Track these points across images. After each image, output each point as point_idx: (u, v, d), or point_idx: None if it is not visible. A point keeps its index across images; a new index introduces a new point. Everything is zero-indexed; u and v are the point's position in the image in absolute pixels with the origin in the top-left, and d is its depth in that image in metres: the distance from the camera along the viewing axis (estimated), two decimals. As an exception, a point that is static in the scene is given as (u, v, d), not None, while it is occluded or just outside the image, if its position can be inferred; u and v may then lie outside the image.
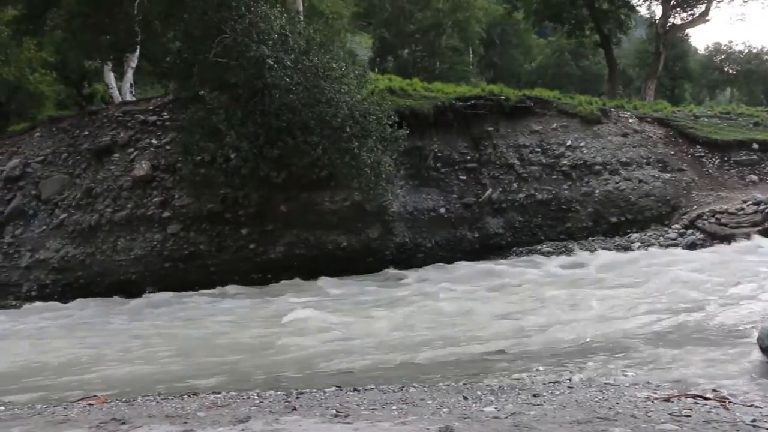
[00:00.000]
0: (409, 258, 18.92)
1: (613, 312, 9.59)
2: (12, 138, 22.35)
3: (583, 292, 11.71)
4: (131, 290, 18.24)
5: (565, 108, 22.26)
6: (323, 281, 16.48)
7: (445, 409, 4.50)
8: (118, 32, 19.26)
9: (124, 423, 4.76)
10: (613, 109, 23.03)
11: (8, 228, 20.36)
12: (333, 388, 5.78)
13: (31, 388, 8.04)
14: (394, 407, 4.65)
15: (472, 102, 21.23)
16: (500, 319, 9.78)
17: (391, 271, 17.69)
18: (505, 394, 5.04)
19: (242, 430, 4.05)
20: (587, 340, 7.65)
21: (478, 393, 5.12)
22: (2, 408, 6.54)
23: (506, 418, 4.09)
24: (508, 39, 54.68)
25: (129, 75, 24.84)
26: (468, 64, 45.73)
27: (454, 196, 20.13)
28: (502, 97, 21.73)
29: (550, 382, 5.37)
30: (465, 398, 4.90)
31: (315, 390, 5.73)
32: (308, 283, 16.45)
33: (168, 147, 19.12)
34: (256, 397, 5.62)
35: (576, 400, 4.62)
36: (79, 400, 6.45)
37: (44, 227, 19.92)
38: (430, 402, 4.80)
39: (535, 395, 4.87)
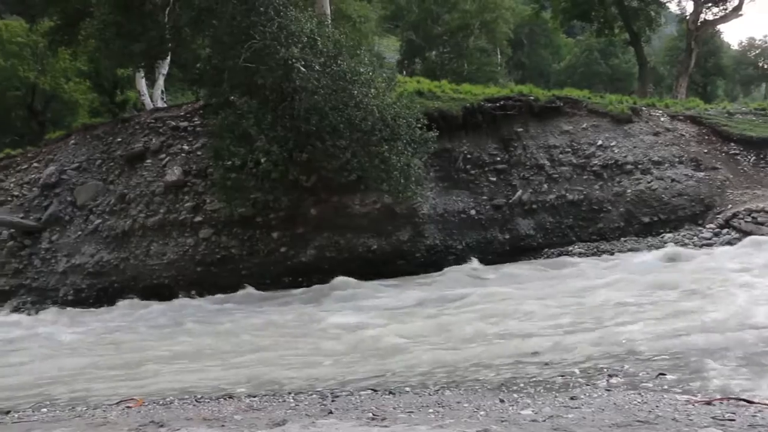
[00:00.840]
0: (440, 260, 18.84)
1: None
2: (48, 146, 22.79)
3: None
4: (164, 294, 18.47)
5: (595, 107, 22.02)
6: (356, 284, 16.47)
7: (482, 412, 4.48)
8: (149, 40, 19.48)
9: (162, 426, 4.81)
10: (644, 108, 22.73)
11: (45, 234, 20.76)
12: (368, 391, 5.78)
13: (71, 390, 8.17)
14: (431, 410, 4.63)
15: (501, 103, 21.09)
16: (536, 321, 9.65)
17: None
18: (542, 397, 5.00)
19: (280, 432, 4.06)
20: (623, 342, 7.54)
21: (515, 396, 5.09)
22: (45, 410, 6.68)
23: (544, 421, 4.05)
24: (536, 39, 54.40)
25: (160, 82, 25.16)
26: (496, 65, 45.52)
27: (484, 197, 20.01)
28: (532, 98, 21.57)
29: (586, 385, 5.31)
30: (501, 401, 4.87)
31: (350, 393, 5.73)
32: (340, 286, 16.43)
33: (199, 152, 19.32)
34: (291, 401, 5.64)
35: (614, 403, 4.56)
36: (117, 403, 6.54)
37: (79, 233, 20.27)
38: (466, 405, 4.77)
39: (572, 398, 4.82)
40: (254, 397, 6.05)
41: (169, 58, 22.81)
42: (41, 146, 23.48)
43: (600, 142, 21.00)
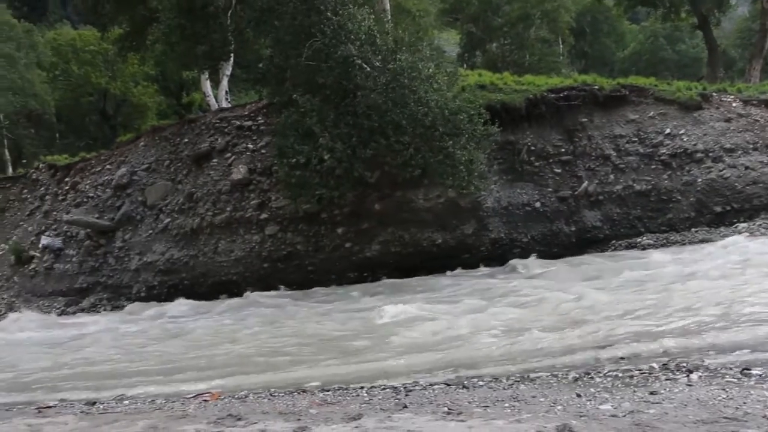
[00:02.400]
0: (505, 253, 18.65)
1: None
2: (120, 148, 23.57)
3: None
4: (233, 290, 18.89)
5: (663, 95, 21.34)
6: (419, 278, 16.48)
7: (559, 407, 4.41)
8: (213, 42, 19.92)
9: (239, 419, 4.91)
10: (714, 94, 21.91)
11: (118, 233, 21.50)
12: (441, 385, 5.77)
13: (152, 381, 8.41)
14: (506, 405, 4.59)
15: (565, 93, 20.69)
16: (609, 313, 9.43)
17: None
18: (620, 391, 4.89)
19: (356, 427, 4.08)
20: (702, 335, 7.30)
21: (592, 390, 4.99)
22: (126, 402, 6.91)
23: (624, 416, 3.96)
24: (598, 27, 53.12)
25: (224, 83, 25.65)
26: (558, 55, 44.74)
27: (549, 189, 19.70)
28: (596, 87, 21.07)
29: (666, 380, 5.17)
30: (578, 396, 4.79)
31: (423, 387, 5.73)
32: (405, 281, 16.46)
33: (264, 151, 19.65)
34: (365, 395, 5.68)
35: (697, 399, 4.42)
36: (194, 396, 6.71)
37: (150, 231, 20.90)
38: (542, 399, 4.71)
39: (652, 393, 4.70)
40: (327, 391, 6.12)
41: (232, 59, 23.23)
42: (113, 149, 24.31)
43: (668, 131, 20.37)
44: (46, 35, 46.77)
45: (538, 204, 19.43)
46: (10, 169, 36.15)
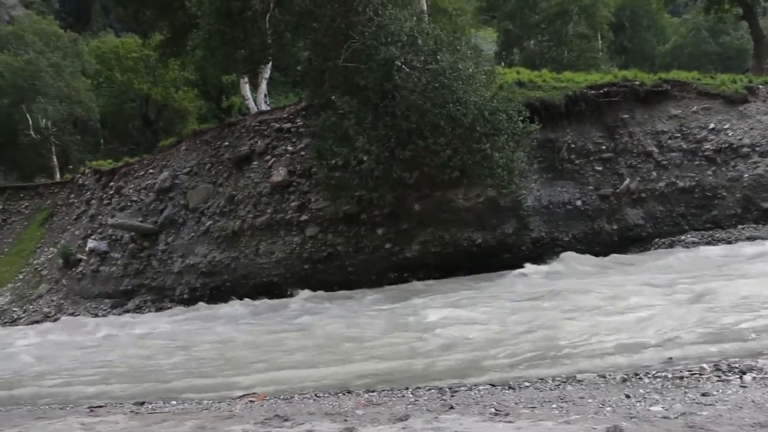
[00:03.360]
0: (546, 252, 18.48)
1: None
2: (162, 152, 23.99)
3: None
4: (274, 292, 19.05)
5: (706, 89, 20.89)
6: (460, 278, 16.40)
7: (608, 408, 4.35)
8: (252, 46, 20.13)
9: (286, 420, 4.95)
10: (761, 86, 21.36)
11: (162, 236, 21.88)
12: (486, 386, 5.73)
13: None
14: (554, 406, 4.54)
15: (605, 89, 20.40)
16: (655, 312, 9.25)
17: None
18: (671, 392, 4.79)
19: (403, 428, 4.08)
20: (752, 336, 7.11)
21: (641, 391, 4.90)
22: (174, 402, 7.02)
23: (677, 418, 3.89)
24: (638, 21, 52.22)
25: (263, 86, 25.91)
26: (597, 51, 43.98)
27: (590, 187, 19.45)
28: (637, 82, 20.74)
29: (718, 381, 5.05)
30: (627, 396, 4.72)
31: (468, 388, 5.70)
32: (446, 281, 16.39)
33: (303, 153, 19.78)
34: (410, 395, 5.68)
35: (752, 401, 4.31)
36: (240, 397, 6.79)
37: (192, 234, 21.21)
38: (590, 401, 4.65)
39: (704, 394, 4.60)
40: (372, 391, 6.13)
41: (270, 62, 23.43)
42: (155, 153, 24.76)
43: (712, 125, 19.94)
44: (90, 44, 47.93)
45: (579, 202, 19.20)
46: (58, 175, 37.03)
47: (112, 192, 24.63)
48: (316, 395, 6.36)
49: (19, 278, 26.41)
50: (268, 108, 24.76)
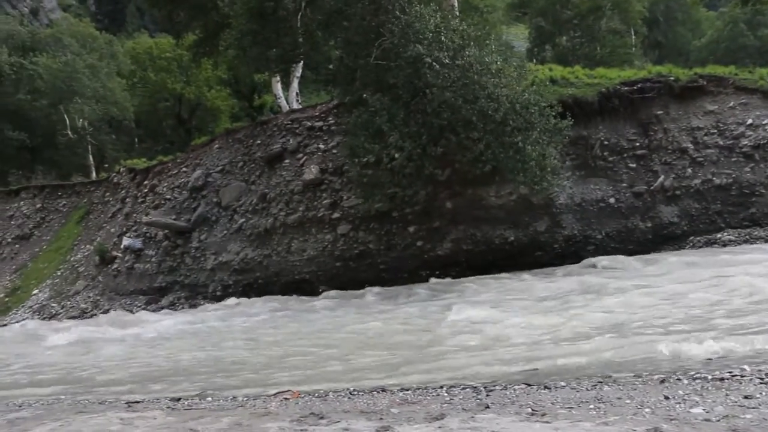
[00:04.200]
0: (579, 251, 18.31)
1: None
2: (195, 151, 24.25)
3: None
4: (305, 289, 19.17)
5: (744, 84, 20.47)
6: (492, 276, 16.32)
7: (647, 410, 4.30)
8: (283, 45, 20.25)
9: (322, 417, 4.98)
10: (801, 81, 20.91)
11: (195, 234, 22.13)
12: (522, 386, 5.70)
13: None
14: (591, 406, 4.50)
15: (639, 85, 20.13)
16: (694, 312, 9.10)
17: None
18: (711, 394, 4.71)
19: (439, 427, 4.08)
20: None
21: (680, 392, 4.83)
22: (209, 399, 7.10)
23: (719, 420, 3.82)
24: (672, 15, 51.44)
25: (295, 84, 26.05)
26: (631, 46, 43.39)
27: (624, 184, 19.22)
28: (671, 78, 20.42)
29: (761, 383, 4.95)
30: (666, 398, 4.64)
31: (503, 387, 5.68)
32: (478, 279, 16.32)
33: (335, 150, 19.85)
34: (445, 394, 5.66)
35: (798, 404, 4.23)
36: (275, 394, 6.84)
37: (225, 232, 21.43)
38: (628, 401, 4.59)
39: (746, 397, 4.51)
40: (407, 390, 6.12)
41: (302, 61, 23.54)
42: (188, 152, 25.04)
43: (750, 121, 19.54)
44: (125, 45, 48.76)
45: (612, 200, 18.99)
46: (94, 174, 37.70)
47: (146, 190, 24.98)
48: (350, 393, 6.37)
49: (58, 275, 26.94)
50: (300, 106, 24.88)
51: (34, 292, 26.72)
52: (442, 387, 6.07)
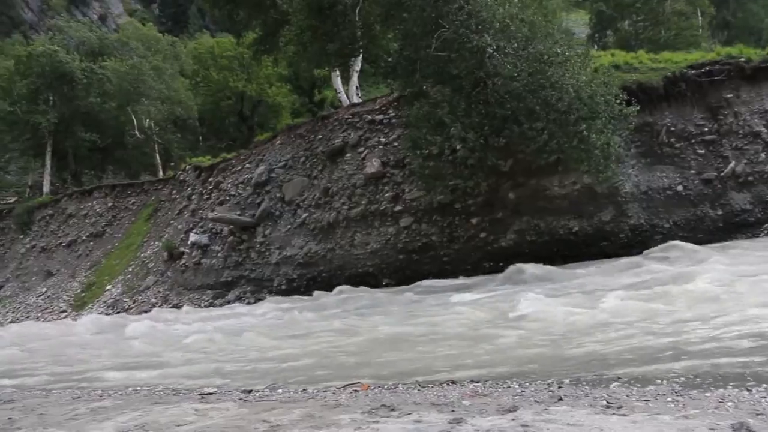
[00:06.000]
0: (646, 240, 17.86)
1: None
2: (257, 147, 24.67)
3: None
4: (369, 282, 19.30)
5: (820, 63, 19.60)
6: (558, 267, 16.07)
7: (729, 403, 4.17)
8: (342, 39, 20.38)
9: (393, 410, 5.01)
10: None
11: (259, 229, 22.54)
12: (593, 377, 5.60)
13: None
14: (669, 399, 4.39)
15: (707, 68, 19.46)
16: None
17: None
18: (799, 388, 4.54)
19: (513, 419, 4.05)
20: None
21: (764, 386, 4.67)
22: (280, 391, 7.23)
23: (809, 416, 3.68)
24: (743, -7, 49.38)
25: (354, 78, 26.17)
26: (697, 28, 41.88)
27: (692, 171, 18.63)
28: (742, 59, 19.65)
29: None
30: (749, 390, 4.51)
31: (575, 379, 5.59)
32: (544, 269, 16.07)
33: (396, 143, 19.88)
34: (516, 386, 5.62)
35: None
36: (344, 386, 6.91)
37: (289, 226, 21.75)
38: (708, 394, 4.47)
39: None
40: (477, 382, 6.10)
41: (361, 55, 23.64)
42: (251, 148, 25.49)
43: (829, 102, 18.70)
44: (187, 45, 49.91)
45: (680, 187, 18.44)
46: (161, 172, 38.84)
47: (211, 187, 25.55)
48: (419, 385, 6.40)
49: (129, 271, 27.89)
50: (360, 100, 24.99)
51: (108, 287, 27.74)
52: (512, 379, 6.03)
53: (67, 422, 6.06)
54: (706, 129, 18.97)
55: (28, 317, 28.56)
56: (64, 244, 33.01)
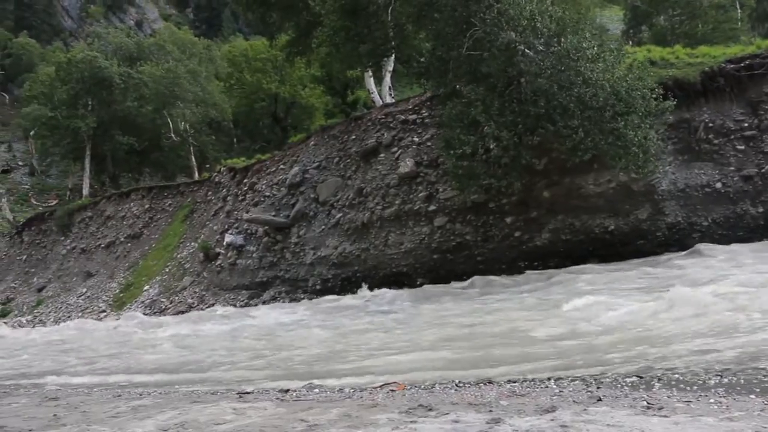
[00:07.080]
0: (683, 239, 17.54)
1: None
2: (292, 148, 24.86)
3: None
4: (403, 282, 19.31)
5: None
6: (594, 266, 15.90)
7: (774, 406, 4.10)
8: (375, 40, 20.42)
9: (430, 409, 5.02)
10: None
11: (294, 229, 22.70)
12: (633, 378, 5.54)
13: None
14: (712, 400, 4.33)
15: (746, 63, 19.01)
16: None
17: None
18: None
19: (551, 420, 4.03)
20: None
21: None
22: (317, 390, 7.30)
23: None
24: (783, -16, 48.22)
25: (387, 79, 26.17)
26: (736, 21, 41.04)
27: (732, 168, 18.24)
28: (784, 52, 19.23)
29: None
30: (794, 394, 4.42)
31: (615, 379, 5.54)
32: (580, 268, 15.94)
33: (429, 143, 19.85)
34: (554, 386, 5.59)
35: None
36: (381, 386, 6.94)
37: (323, 227, 21.86)
38: (752, 396, 4.39)
39: None
40: (514, 382, 6.08)
41: (393, 55, 23.67)
42: (285, 149, 25.69)
43: None
44: (221, 49, 50.50)
45: (719, 185, 18.07)
46: (196, 174, 39.34)
47: (246, 188, 25.81)
48: (456, 385, 6.39)
49: (166, 271, 28.30)
50: (393, 100, 25.00)
51: (145, 288, 28.18)
52: (550, 378, 5.99)
53: (109, 420, 6.20)
54: (746, 125, 18.55)
55: (69, 317, 29.15)
56: (102, 245, 33.66)
